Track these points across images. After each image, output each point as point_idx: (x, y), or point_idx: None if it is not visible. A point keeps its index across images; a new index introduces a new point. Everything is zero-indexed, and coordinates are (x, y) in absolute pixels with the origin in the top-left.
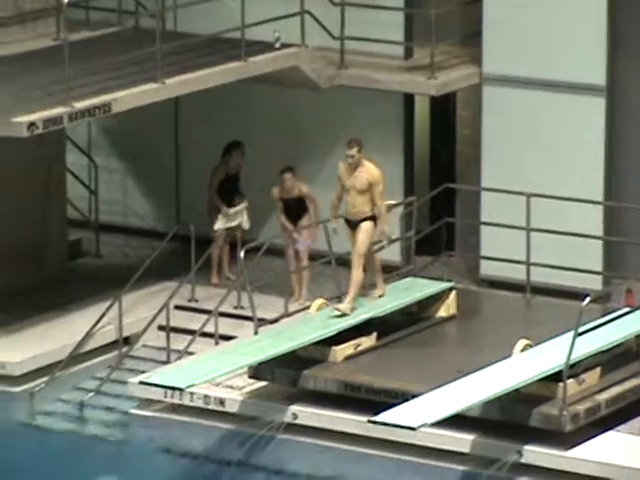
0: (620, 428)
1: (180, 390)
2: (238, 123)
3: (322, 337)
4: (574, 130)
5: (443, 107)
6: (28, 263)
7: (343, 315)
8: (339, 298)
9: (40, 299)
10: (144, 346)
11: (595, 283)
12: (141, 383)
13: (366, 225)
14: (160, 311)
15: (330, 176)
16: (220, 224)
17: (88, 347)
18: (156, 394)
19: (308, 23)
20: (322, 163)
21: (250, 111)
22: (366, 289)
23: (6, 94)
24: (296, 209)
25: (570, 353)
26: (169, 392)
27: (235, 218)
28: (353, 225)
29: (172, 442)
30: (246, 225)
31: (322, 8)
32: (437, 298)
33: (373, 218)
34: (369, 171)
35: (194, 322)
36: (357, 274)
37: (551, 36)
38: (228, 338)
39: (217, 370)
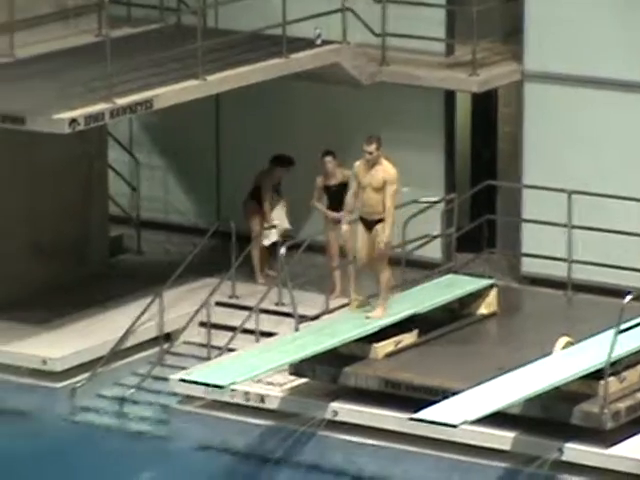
0: None
1: (221, 388)
2: (279, 120)
3: (363, 334)
4: (617, 127)
5: (484, 104)
6: (69, 259)
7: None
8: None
9: (81, 295)
10: (185, 343)
11: (637, 281)
12: (182, 380)
13: (382, 227)
14: (201, 308)
15: None
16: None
17: (129, 343)
18: (197, 391)
19: (349, 20)
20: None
21: (291, 108)
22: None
23: (48, 90)
24: (339, 196)
25: (611, 351)
26: (210, 389)
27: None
28: (368, 224)
29: (212, 439)
30: (286, 225)
31: (363, 5)
32: (478, 295)
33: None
34: (386, 169)
35: (235, 319)
36: (384, 276)
37: (593, 32)
38: (269, 335)
39: (258, 368)
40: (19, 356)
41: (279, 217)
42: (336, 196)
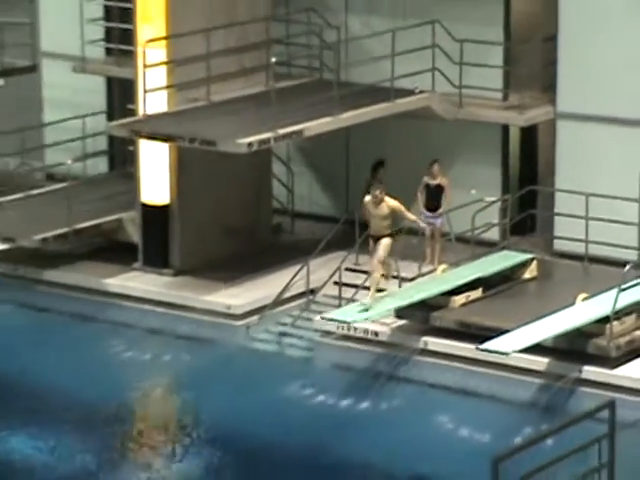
0: None
1: (347, 323)
2: (388, 142)
3: (445, 290)
4: (625, 156)
5: (529, 134)
6: (246, 238)
7: (365, 309)
8: (457, 264)
9: (254, 262)
10: (324, 295)
11: (634, 256)
12: (323, 319)
13: (385, 240)
14: (335, 272)
15: (454, 178)
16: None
17: (286, 295)
18: (332, 327)
19: (437, 76)
20: (448, 169)
21: (397, 135)
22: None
23: (232, 123)
24: (434, 194)
25: (615, 303)
26: (341, 326)
27: None
28: (375, 239)
29: (343, 361)
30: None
31: (447, 65)
32: (523, 265)
33: (390, 235)
34: (389, 204)
35: (358, 279)
36: (377, 275)
37: (612, 82)
38: (380, 290)
39: (373, 310)
40: (212, 303)
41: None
42: (433, 193)
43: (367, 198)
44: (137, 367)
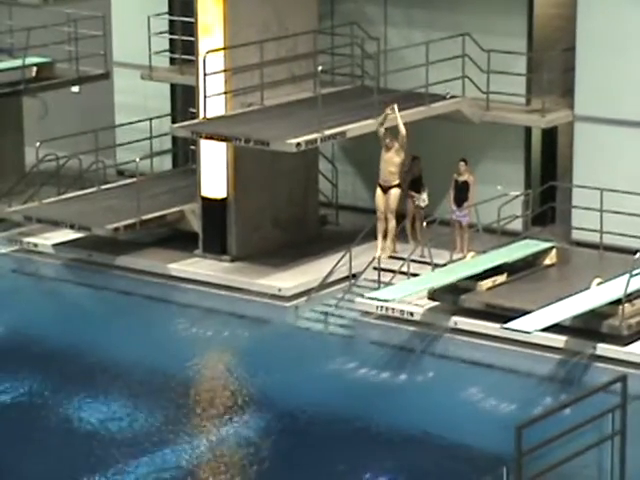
0: None
1: (386, 301)
2: (423, 141)
3: (474, 273)
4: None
5: (550, 135)
6: (296, 228)
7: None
8: (484, 252)
9: (302, 250)
10: (364, 280)
11: None
12: (366, 297)
13: (394, 190)
14: (374, 258)
15: (482, 174)
16: (416, 203)
17: (331, 279)
18: (371, 308)
19: (467, 83)
20: (475, 166)
21: (430, 135)
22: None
23: (283, 126)
24: (461, 190)
25: (627, 287)
26: (380, 307)
27: (422, 200)
28: (384, 189)
29: (381, 338)
30: (424, 203)
31: (475, 73)
32: (544, 252)
33: (399, 186)
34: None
35: (395, 265)
36: (393, 224)
37: (626, 86)
38: (414, 275)
39: (408, 290)
40: (264, 286)
41: (425, 197)
42: (460, 189)
43: (381, 130)
44: (198, 343)
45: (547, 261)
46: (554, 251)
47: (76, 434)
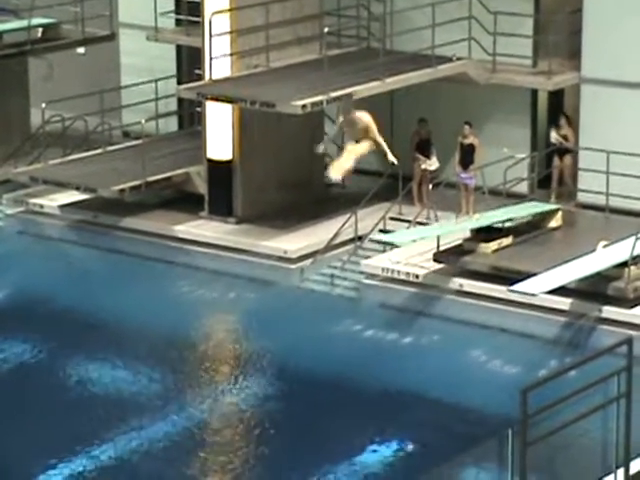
0: None
1: (396, 246)
2: (429, 104)
3: (480, 226)
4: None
5: (556, 98)
6: (301, 190)
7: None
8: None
9: (308, 212)
10: (370, 241)
11: None
12: (374, 241)
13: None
14: (380, 220)
15: (488, 137)
16: (423, 166)
17: (336, 241)
18: (376, 271)
19: (473, 45)
20: (481, 128)
21: (436, 98)
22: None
23: (289, 87)
24: (467, 153)
25: (633, 249)
26: (386, 270)
27: (430, 164)
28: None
29: (386, 301)
30: (434, 167)
31: (481, 35)
32: (549, 214)
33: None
34: (363, 119)
35: (401, 227)
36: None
37: (632, 48)
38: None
39: (415, 235)
40: (270, 248)
41: (434, 160)
42: (465, 152)
43: (340, 119)
44: (204, 305)
45: (552, 224)
46: (559, 213)
47: (81, 396)
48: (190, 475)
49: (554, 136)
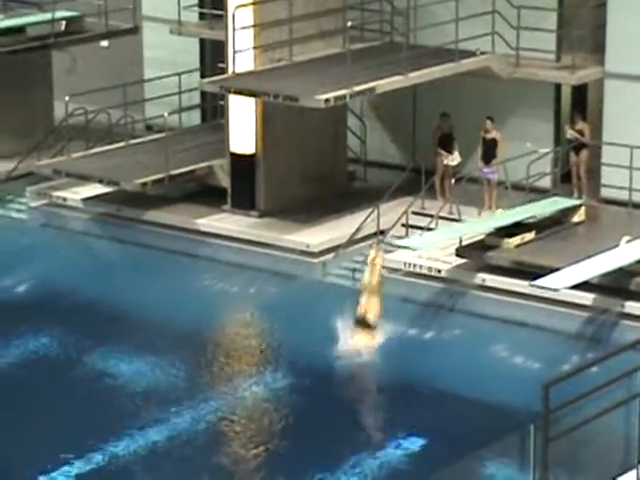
0: None
1: (413, 250)
2: (452, 98)
3: (502, 225)
4: None
5: (580, 92)
6: (324, 183)
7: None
8: (513, 207)
9: (330, 206)
10: (392, 236)
11: None
12: (396, 246)
13: None
14: (402, 214)
15: (511, 131)
16: (445, 162)
17: (359, 235)
18: (399, 265)
19: (496, 39)
20: (504, 123)
21: (459, 91)
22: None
23: (312, 81)
24: (489, 148)
25: None
26: (408, 264)
27: (452, 159)
28: None
29: (409, 295)
30: (456, 162)
31: (505, 29)
32: (573, 209)
33: None
34: None
35: (423, 221)
36: None
37: None
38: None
39: (436, 240)
40: (293, 242)
41: (456, 155)
42: (488, 146)
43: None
44: (226, 298)
45: (575, 219)
46: (582, 208)
47: (103, 387)
48: (217, 464)
49: (570, 132)
